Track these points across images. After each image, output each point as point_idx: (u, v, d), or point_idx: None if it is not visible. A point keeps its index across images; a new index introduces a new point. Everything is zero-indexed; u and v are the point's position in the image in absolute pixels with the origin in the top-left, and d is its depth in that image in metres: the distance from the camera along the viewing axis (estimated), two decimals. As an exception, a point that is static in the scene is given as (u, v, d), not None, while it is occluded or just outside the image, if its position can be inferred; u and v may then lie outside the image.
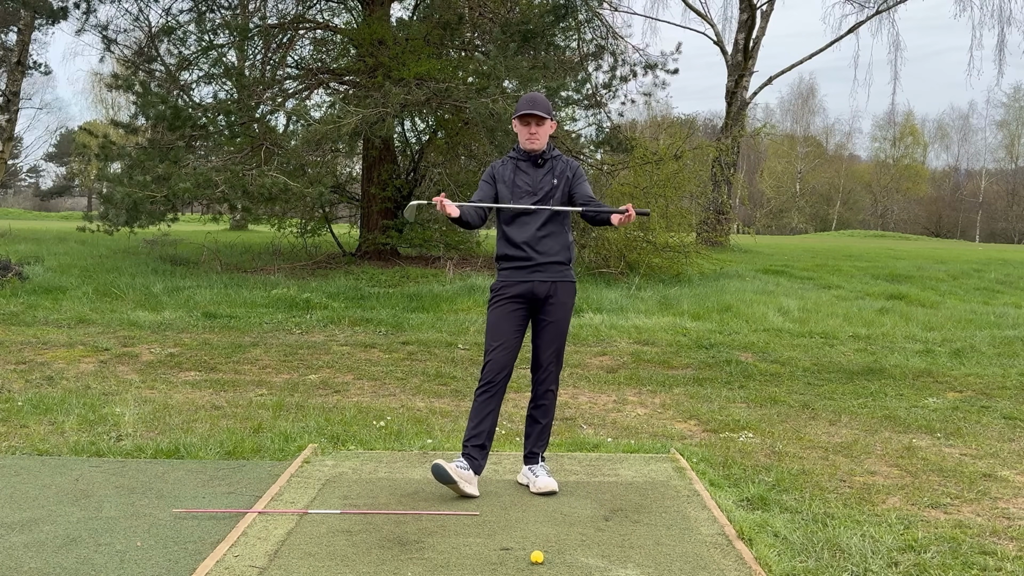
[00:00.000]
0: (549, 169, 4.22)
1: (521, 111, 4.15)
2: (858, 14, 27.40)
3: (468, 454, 4.04)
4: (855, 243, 33.61)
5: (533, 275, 4.12)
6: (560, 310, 4.16)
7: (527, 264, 4.12)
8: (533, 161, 4.22)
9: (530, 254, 4.11)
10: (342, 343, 8.25)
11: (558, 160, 4.25)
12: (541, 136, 4.17)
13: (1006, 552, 3.51)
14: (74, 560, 3.24)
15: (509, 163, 4.27)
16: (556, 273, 4.15)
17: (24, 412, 5.45)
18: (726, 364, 7.61)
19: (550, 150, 4.26)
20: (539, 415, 4.26)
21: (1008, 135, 62.47)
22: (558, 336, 4.19)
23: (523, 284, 4.12)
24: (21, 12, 17.09)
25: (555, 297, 4.14)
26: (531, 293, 4.12)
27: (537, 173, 4.20)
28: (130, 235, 14.35)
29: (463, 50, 14.86)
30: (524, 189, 4.18)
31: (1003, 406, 6.29)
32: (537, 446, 4.25)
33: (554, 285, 4.14)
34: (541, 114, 4.13)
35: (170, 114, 12.41)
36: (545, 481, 4.12)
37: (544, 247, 4.12)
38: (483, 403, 4.06)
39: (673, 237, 15.09)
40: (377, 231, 15.08)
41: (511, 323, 4.12)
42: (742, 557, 3.36)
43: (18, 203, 62.30)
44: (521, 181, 4.20)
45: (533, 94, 4.26)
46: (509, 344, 4.10)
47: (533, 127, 4.16)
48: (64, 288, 10.78)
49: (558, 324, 4.17)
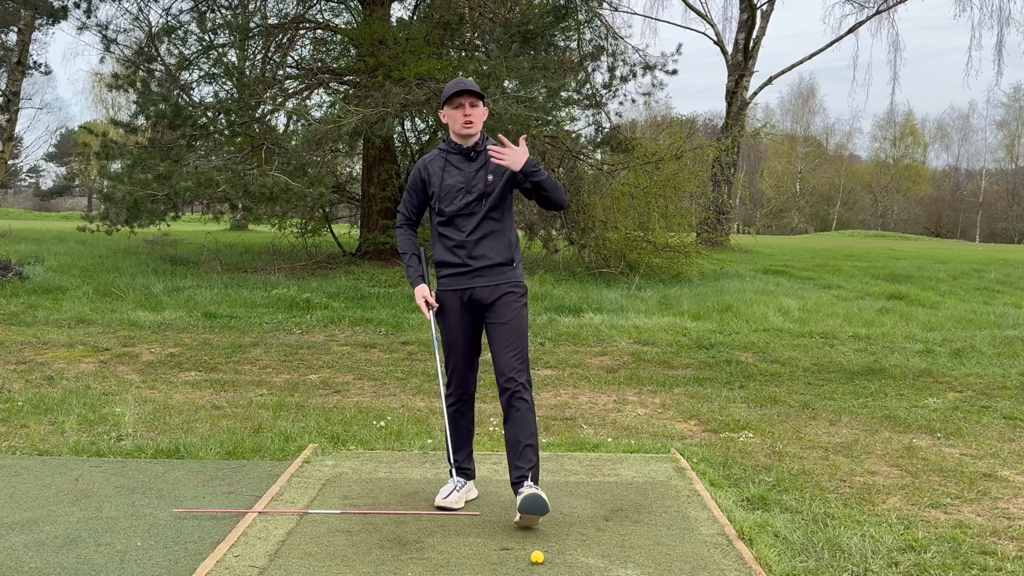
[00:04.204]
0: (483, 163, 3.71)
1: (450, 92, 3.64)
2: (858, 14, 27.43)
3: (461, 467, 3.95)
4: (855, 243, 33.61)
5: (472, 281, 3.71)
6: (509, 310, 3.68)
7: (465, 270, 3.71)
8: (465, 154, 3.72)
9: (466, 260, 3.70)
10: (342, 343, 8.25)
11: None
12: (476, 120, 3.67)
13: (1006, 552, 3.51)
14: (74, 560, 3.24)
15: (438, 158, 3.77)
16: (498, 276, 3.71)
17: (24, 412, 5.46)
18: (726, 364, 7.61)
19: (483, 140, 3.74)
20: (512, 432, 3.64)
21: (1008, 135, 62.46)
22: (515, 337, 3.67)
23: (463, 291, 3.73)
24: (21, 12, 17.08)
25: (501, 299, 3.70)
26: (473, 300, 3.73)
27: (470, 168, 3.71)
28: (130, 235, 14.34)
29: (463, 50, 14.85)
30: (456, 187, 3.70)
31: (1003, 406, 6.29)
32: (522, 469, 3.61)
33: (496, 288, 3.71)
34: (474, 89, 3.65)
35: (171, 113, 12.41)
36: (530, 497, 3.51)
37: (482, 250, 3.69)
38: (457, 417, 3.90)
39: (673, 237, 15.09)
40: (377, 231, 15.07)
41: (461, 335, 3.78)
42: (742, 557, 3.36)
43: (18, 203, 62.31)
44: (452, 180, 3.71)
45: (460, 77, 3.79)
46: (466, 356, 3.81)
47: (467, 108, 3.64)
48: (64, 288, 10.78)
49: (511, 325, 3.67)
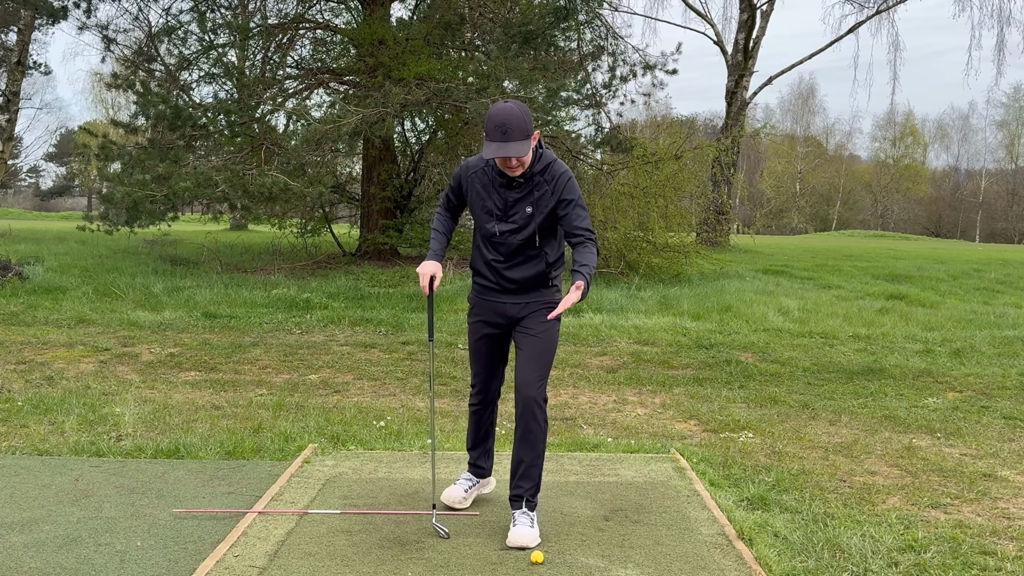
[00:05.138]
0: (527, 192, 3.44)
1: (493, 147, 3.28)
2: (858, 14, 27.41)
3: (475, 464, 3.94)
4: (855, 243, 33.61)
5: (504, 296, 3.57)
6: (540, 324, 3.51)
7: (496, 288, 3.58)
8: (508, 183, 3.45)
9: (498, 280, 3.56)
10: (342, 343, 8.25)
11: (541, 179, 3.43)
12: (525, 164, 3.40)
13: (1006, 552, 3.51)
14: (74, 560, 3.24)
15: (482, 173, 3.53)
16: (531, 295, 3.55)
17: (24, 412, 5.45)
18: (726, 364, 7.61)
19: (534, 162, 3.43)
20: (520, 450, 3.54)
21: (1008, 135, 62.47)
22: (540, 352, 3.50)
23: (494, 304, 3.60)
24: (21, 12, 17.08)
25: (535, 311, 3.54)
26: (503, 314, 3.60)
27: (510, 196, 3.46)
28: (130, 235, 14.36)
29: (463, 50, 14.86)
30: (493, 212, 3.49)
31: (1003, 406, 6.29)
32: (521, 488, 3.54)
33: (528, 306, 3.55)
34: (520, 148, 3.27)
35: (170, 113, 12.42)
36: (521, 533, 3.43)
37: (516, 274, 3.52)
38: (477, 416, 3.87)
39: (673, 237, 15.09)
40: (377, 231, 15.08)
41: (489, 346, 3.68)
42: (742, 557, 3.36)
43: (18, 203, 62.28)
44: (490, 203, 3.49)
45: (505, 113, 3.28)
46: (490, 365, 3.73)
47: (514, 162, 3.37)
48: (64, 288, 10.78)
49: (540, 339, 3.51)
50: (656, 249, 14.38)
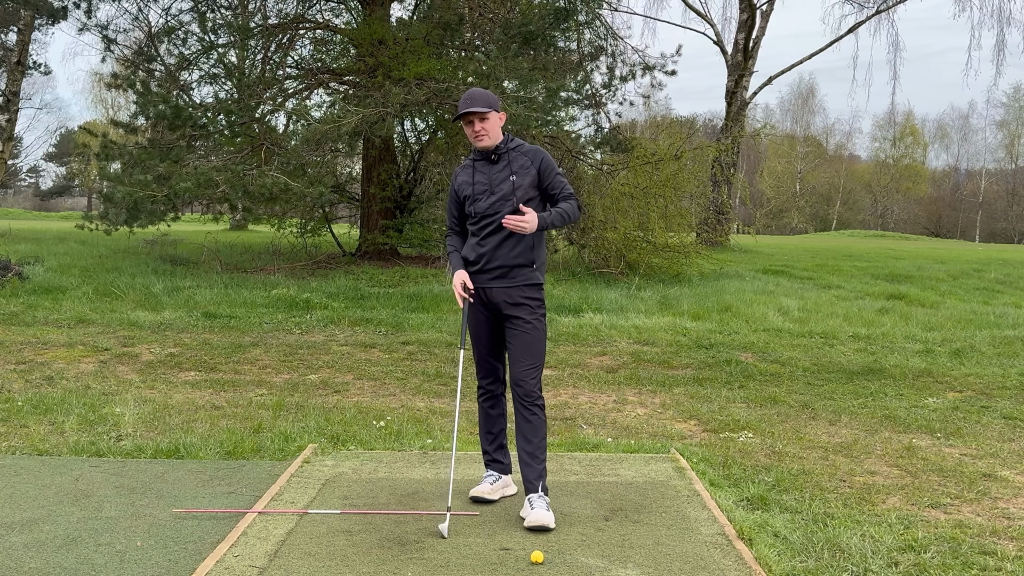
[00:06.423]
0: (506, 164, 3.86)
1: (459, 111, 3.80)
2: (858, 14, 27.43)
3: (493, 459, 4.05)
4: (855, 243, 33.60)
5: (492, 282, 3.84)
6: (526, 321, 3.80)
7: (484, 270, 3.85)
8: (487, 158, 3.89)
9: (485, 263, 3.84)
10: (342, 343, 8.25)
11: (517, 153, 3.89)
12: (489, 131, 3.81)
13: (1006, 552, 3.51)
14: (74, 560, 3.24)
15: (467, 166, 3.97)
16: (515, 278, 3.83)
17: (24, 412, 5.45)
18: (726, 364, 7.61)
19: (507, 142, 3.90)
20: (523, 439, 3.81)
21: (1008, 135, 62.44)
22: (531, 345, 3.79)
23: (482, 290, 3.86)
24: (21, 12, 17.08)
25: (518, 304, 3.82)
26: (490, 300, 3.86)
27: (492, 170, 3.88)
28: (130, 235, 14.35)
29: (463, 50, 14.85)
30: (481, 187, 3.87)
31: (1003, 406, 6.29)
32: (529, 475, 3.79)
33: (512, 291, 3.82)
34: (480, 110, 3.77)
35: (170, 113, 12.41)
36: (539, 515, 3.67)
37: (502, 252, 3.82)
38: (487, 408, 4.03)
39: (673, 237, 15.09)
40: (377, 231, 15.08)
41: (484, 328, 3.93)
42: (742, 557, 3.36)
43: (18, 203, 62.28)
44: (478, 181, 3.89)
45: (472, 90, 3.86)
46: (490, 349, 3.95)
47: (477, 125, 3.81)
48: (64, 288, 10.78)
49: (528, 333, 3.80)
50: (656, 249, 14.37)
